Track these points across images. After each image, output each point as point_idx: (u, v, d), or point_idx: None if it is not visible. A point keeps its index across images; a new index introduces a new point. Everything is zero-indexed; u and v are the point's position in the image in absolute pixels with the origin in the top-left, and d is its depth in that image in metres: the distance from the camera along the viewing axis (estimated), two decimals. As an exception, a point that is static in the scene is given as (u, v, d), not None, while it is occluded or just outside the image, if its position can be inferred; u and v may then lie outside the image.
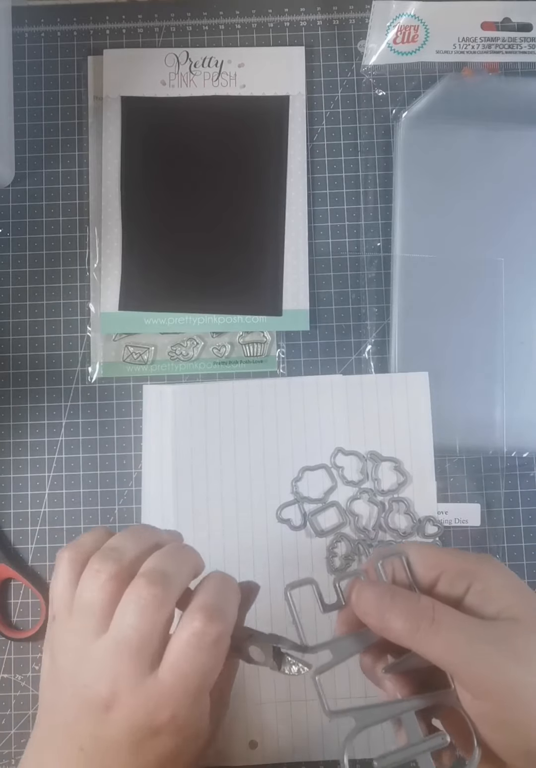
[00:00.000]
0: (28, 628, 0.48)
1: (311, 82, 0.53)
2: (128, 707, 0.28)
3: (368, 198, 0.52)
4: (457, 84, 0.51)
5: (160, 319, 0.50)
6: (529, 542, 0.49)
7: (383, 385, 0.49)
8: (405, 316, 0.50)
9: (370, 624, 0.29)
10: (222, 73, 0.52)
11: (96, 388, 0.50)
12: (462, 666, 0.27)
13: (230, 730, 0.45)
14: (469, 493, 0.49)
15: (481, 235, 0.50)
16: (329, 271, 0.51)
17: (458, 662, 0.27)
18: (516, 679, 0.26)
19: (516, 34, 0.51)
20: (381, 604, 0.28)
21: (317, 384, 0.49)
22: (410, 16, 0.50)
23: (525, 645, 0.27)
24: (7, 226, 0.52)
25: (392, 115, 0.52)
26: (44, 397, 0.50)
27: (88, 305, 0.51)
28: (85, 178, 0.52)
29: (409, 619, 0.27)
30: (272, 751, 0.45)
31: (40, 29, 0.53)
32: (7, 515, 0.49)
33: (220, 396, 0.49)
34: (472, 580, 0.29)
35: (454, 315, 0.50)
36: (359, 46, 0.52)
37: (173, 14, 0.53)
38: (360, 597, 0.29)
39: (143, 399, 0.49)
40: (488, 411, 0.49)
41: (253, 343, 0.51)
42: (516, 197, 0.50)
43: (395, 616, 0.28)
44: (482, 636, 0.27)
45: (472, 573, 0.29)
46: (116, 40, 0.53)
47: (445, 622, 0.27)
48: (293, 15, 0.53)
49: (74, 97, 0.52)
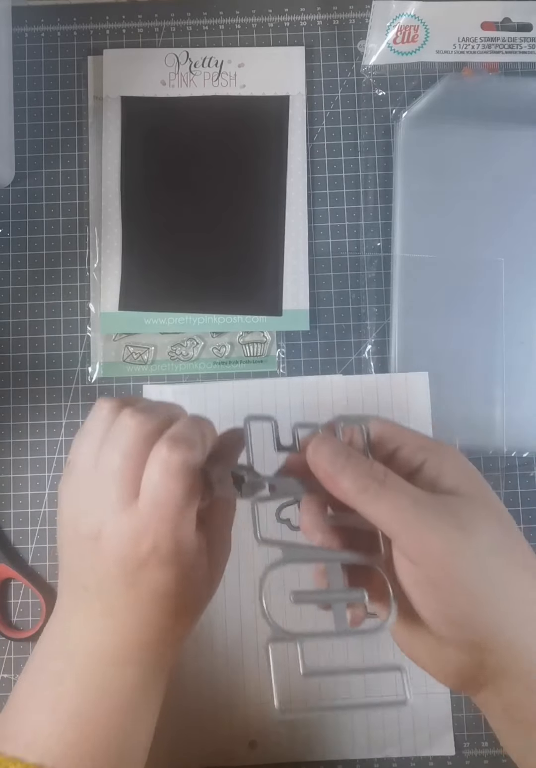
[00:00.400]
0: (28, 628, 0.48)
1: (311, 82, 0.53)
2: (114, 536, 0.30)
3: (368, 198, 0.52)
4: (457, 84, 0.51)
5: (160, 319, 0.50)
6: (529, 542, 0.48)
7: (383, 385, 0.49)
8: (405, 316, 0.50)
9: (321, 478, 0.29)
10: (222, 73, 0.52)
11: (96, 388, 0.50)
12: (404, 530, 0.27)
13: (230, 730, 0.45)
14: (469, 493, 0.49)
15: (481, 235, 0.50)
16: (329, 271, 0.51)
17: (400, 527, 0.27)
18: (456, 546, 0.27)
19: (516, 34, 0.51)
20: (335, 461, 0.29)
21: (317, 384, 0.49)
22: (410, 16, 0.50)
23: (469, 517, 0.28)
24: (7, 226, 0.52)
25: (392, 115, 0.52)
26: (44, 397, 0.50)
27: (88, 305, 0.51)
28: (85, 178, 0.52)
29: (359, 479, 0.28)
30: (272, 751, 0.45)
31: (40, 29, 0.53)
32: (7, 515, 0.49)
33: (220, 396, 0.49)
34: (428, 456, 0.30)
35: (454, 315, 0.50)
36: (359, 46, 0.52)
37: (173, 14, 0.53)
38: (317, 450, 0.30)
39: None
40: (488, 411, 0.49)
41: (253, 343, 0.51)
42: (516, 197, 0.50)
43: (347, 474, 0.28)
44: (428, 504, 0.28)
45: (429, 450, 0.30)
46: (116, 40, 0.53)
47: (393, 487, 0.28)
48: (293, 15, 0.53)
49: (74, 97, 0.53)
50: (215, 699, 0.46)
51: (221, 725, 0.46)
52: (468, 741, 0.46)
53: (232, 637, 0.46)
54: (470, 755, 0.46)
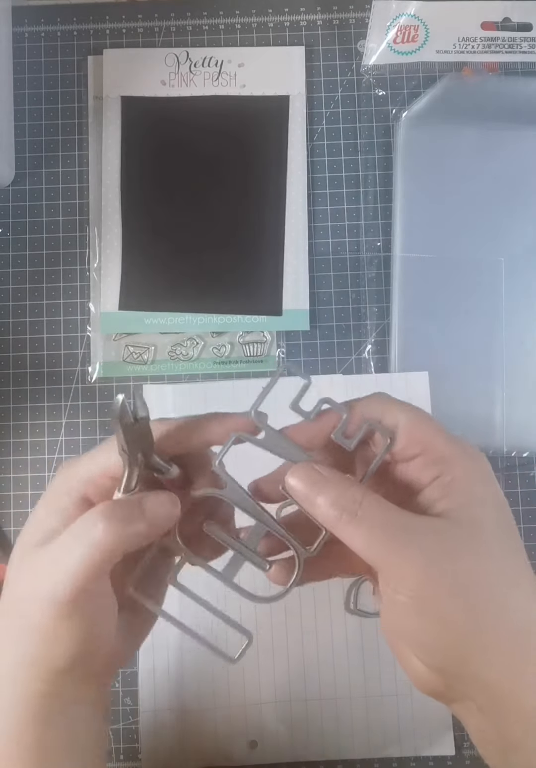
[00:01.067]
0: (28, 628, 0.48)
1: (311, 82, 0.53)
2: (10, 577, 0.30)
3: (368, 198, 0.52)
4: (457, 84, 0.51)
5: (160, 319, 0.50)
6: (529, 542, 0.49)
7: (383, 385, 0.48)
8: (404, 316, 0.50)
9: (298, 501, 0.29)
10: (222, 73, 0.52)
11: (96, 387, 0.50)
12: (378, 560, 0.27)
13: (230, 730, 0.45)
14: (469, 493, 0.49)
15: (481, 235, 0.50)
16: (329, 270, 0.51)
17: (374, 557, 0.27)
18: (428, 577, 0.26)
19: (516, 34, 0.51)
20: (312, 486, 0.28)
21: (317, 384, 0.49)
22: (410, 16, 0.50)
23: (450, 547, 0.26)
24: (7, 226, 0.52)
25: (392, 115, 0.52)
26: (44, 396, 0.50)
27: (88, 305, 0.51)
28: (85, 178, 0.52)
29: (333, 507, 0.27)
30: (272, 751, 0.46)
31: (40, 29, 0.53)
32: (7, 515, 0.49)
33: (220, 396, 0.49)
34: (443, 471, 0.28)
35: (454, 315, 0.50)
36: (359, 46, 0.52)
37: (173, 14, 0.53)
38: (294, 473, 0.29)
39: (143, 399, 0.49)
40: (488, 411, 0.49)
41: (253, 343, 0.51)
42: (516, 197, 0.50)
43: (322, 501, 0.28)
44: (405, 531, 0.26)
45: (447, 464, 0.28)
46: (116, 40, 0.53)
47: (369, 517, 0.27)
48: (293, 15, 0.53)
49: (74, 97, 0.53)
50: (215, 699, 0.46)
51: (221, 725, 0.46)
52: (468, 741, 0.46)
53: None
54: (470, 755, 0.46)
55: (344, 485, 0.28)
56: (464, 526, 0.27)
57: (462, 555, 0.26)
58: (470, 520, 0.27)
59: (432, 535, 0.27)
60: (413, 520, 0.27)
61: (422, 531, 0.27)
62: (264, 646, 0.46)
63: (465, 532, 0.27)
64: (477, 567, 0.26)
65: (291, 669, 0.46)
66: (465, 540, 0.27)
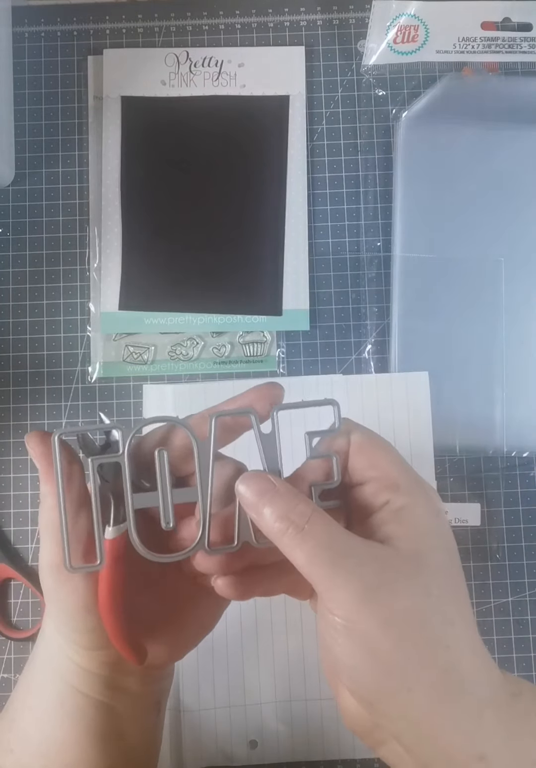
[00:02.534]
0: (28, 628, 0.48)
1: (311, 82, 0.53)
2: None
3: (368, 198, 0.52)
4: (457, 84, 0.51)
5: (160, 319, 0.50)
6: (529, 542, 0.49)
7: (383, 385, 0.48)
8: (404, 316, 0.50)
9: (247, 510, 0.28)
10: (222, 73, 0.52)
11: (96, 387, 0.50)
12: (317, 581, 0.26)
13: (230, 730, 0.45)
14: (469, 492, 0.49)
15: (481, 235, 0.50)
16: (329, 270, 0.51)
17: (314, 577, 0.26)
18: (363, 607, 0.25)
19: (516, 34, 0.51)
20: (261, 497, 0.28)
21: (317, 384, 0.49)
22: (410, 15, 0.50)
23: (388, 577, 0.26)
24: (7, 226, 0.52)
25: (392, 115, 0.52)
26: (44, 396, 0.50)
27: (88, 305, 0.51)
28: (85, 178, 0.52)
29: (278, 521, 0.27)
30: (272, 751, 0.46)
31: (40, 29, 0.53)
32: (7, 515, 0.49)
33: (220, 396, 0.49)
34: (391, 499, 0.28)
35: (454, 315, 0.50)
36: (359, 45, 0.52)
37: (173, 14, 0.53)
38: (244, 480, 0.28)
39: (143, 399, 0.49)
40: (488, 411, 0.49)
41: (253, 343, 0.51)
42: (516, 197, 0.50)
43: (268, 513, 0.27)
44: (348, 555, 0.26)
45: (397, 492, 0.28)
46: (116, 40, 0.53)
47: (311, 534, 0.26)
48: (293, 15, 0.53)
49: (74, 97, 0.52)
50: (215, 699, 0.46)
51: (221, 725, 0.46)
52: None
53: (232, 636, 0.46)
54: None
55: (294, 500, 0.28)
56: (407, 558, 0.27)
57: (399, 588, 0.26)
58: (413, 553, 0.27)
59: (374, 562, 0.26)
60: (357, 545, 0.27)
61: (364, 557, 0.26)
62: (264, 646, 0.46)
63: (406, 564, 0.27)
64: (414, 603, 0.26)
65: (291, 669, 0.46)
66: (406, 573, 0.26)
